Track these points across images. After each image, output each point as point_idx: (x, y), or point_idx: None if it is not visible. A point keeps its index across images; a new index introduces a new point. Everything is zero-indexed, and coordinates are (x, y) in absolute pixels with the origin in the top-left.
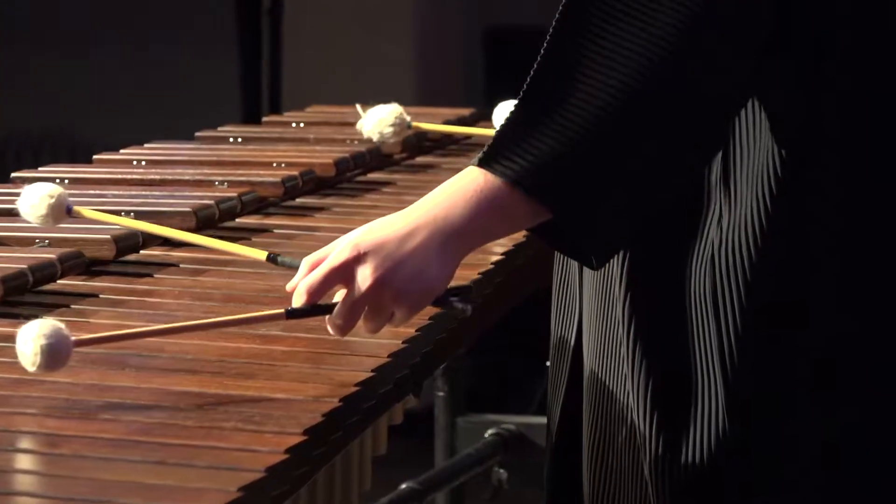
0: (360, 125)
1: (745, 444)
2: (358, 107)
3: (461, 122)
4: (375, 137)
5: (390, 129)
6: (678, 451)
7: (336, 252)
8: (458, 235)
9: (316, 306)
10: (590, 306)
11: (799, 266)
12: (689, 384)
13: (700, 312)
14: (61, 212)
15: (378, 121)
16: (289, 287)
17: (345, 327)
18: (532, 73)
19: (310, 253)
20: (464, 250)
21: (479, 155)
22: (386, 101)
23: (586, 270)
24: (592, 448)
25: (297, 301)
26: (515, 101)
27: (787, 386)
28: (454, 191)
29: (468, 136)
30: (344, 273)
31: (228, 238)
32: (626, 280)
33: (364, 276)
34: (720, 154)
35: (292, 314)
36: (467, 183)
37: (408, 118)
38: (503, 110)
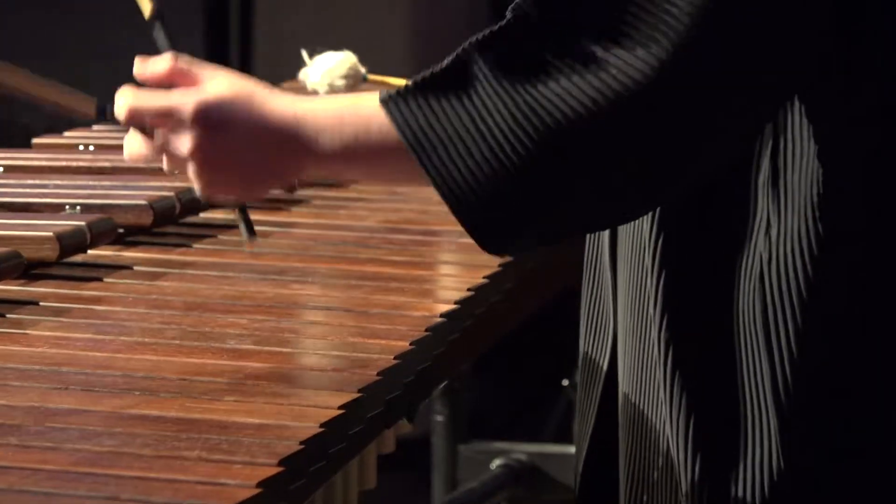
0: (303, 75)
1: (803, 487)
2: (303, 52)
3: None
4: (322, 90)
5: (342, 82)
6: (725, 496)
7: (183, 99)
8: (309, 169)
9: (132, 123)
10: (625, 326)
11: (862, 280)
12: (736, 420)
13: (748, 337)
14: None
15: (327, 70)
16: (137, 72)
17: (136, 159)
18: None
19: (288, 255)
20: (312, 163)
21: (392, 90)
22: (375, 72)
23: (621, 283)
24: (628, 485)
25: (119, 110)
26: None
27: (849, 420)
28: (339, 113)
29: None
30: (175, 121)
31: (193, 236)
32: (663, 300)
33: (187, 143)
34: (768, 150)
35: (102, 113)
36: (356, 112)
37: (363, 69)
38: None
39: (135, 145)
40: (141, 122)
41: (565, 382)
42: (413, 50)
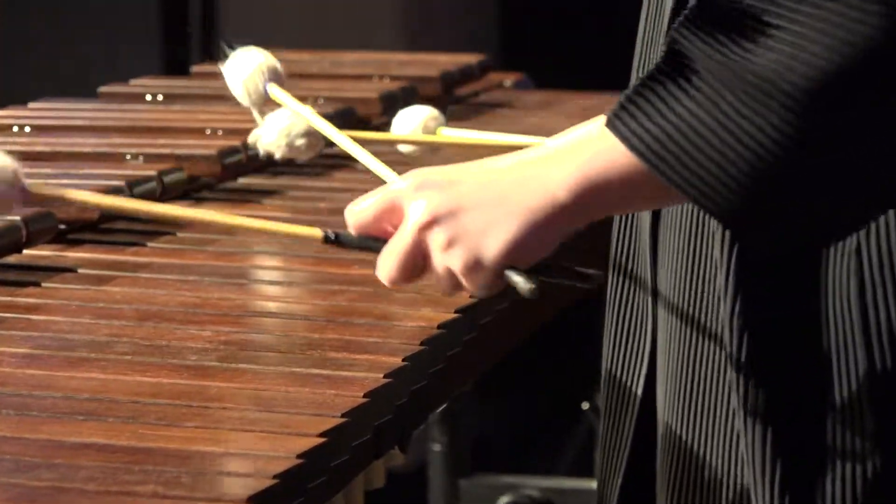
0: (254, 138)
1: None
2: (255, 114)
3: (464, 74)
4: (279, 153)
5: (303, 141)
6: None
7: (398, 180)
8: (558, 198)
9: (363, 239)
10: (670, 338)
11: None
12: (824, 420)
13: (841, 323)
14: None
15: (282, 130)
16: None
17: (388, 272)
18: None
19: (259, 255)
20: (562, 218)
21: (613, 106)
22: (351, 44)
23: (664, 276)
24: None
25: (350, 225)
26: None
27: None
28: (567, 141)
29: (476, 94)
30: (397, 204)
31: (147, 233)
32: (735, 281)
33: (417, 212)
34: None
35: (331, 240)
36: (584, 135)
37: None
38: (405, 118)
39: (383, 262)
40: (373, 228)
41: (585, 405)
42: (404, 12)
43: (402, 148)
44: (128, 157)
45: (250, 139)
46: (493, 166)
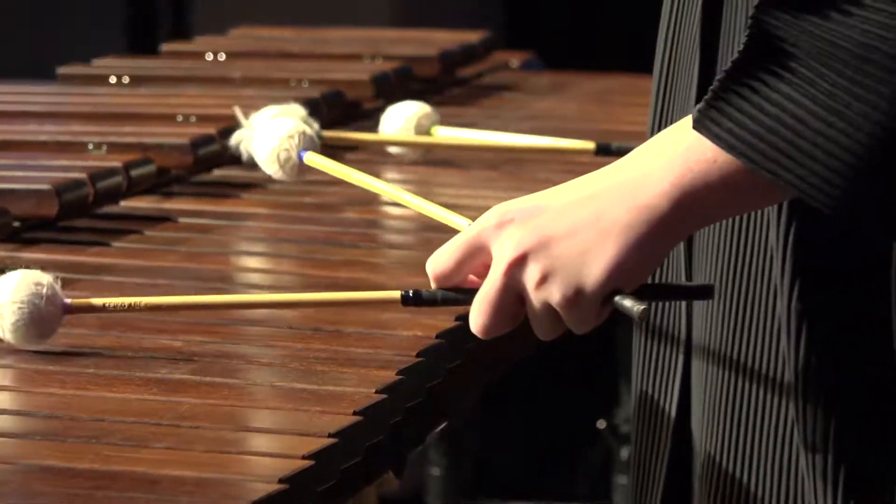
0: (237, 139)
1: None
2: (237, 113)
3: (465, 53)
4: (273, 172)
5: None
6: None
7: (477, 220)
8: (654, 208)
9: (446, 293)
10: (707, 348)
11: None
12: (893, 422)
13: None
14: None
15: (274, 149)
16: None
17: (481, 321)
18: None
19: (237, 256)
20: (662, 230)
21: (699, 105)
22: (338, 20)
23: (703, 264)
24: None
25: (433, 280)
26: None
27: None
28: (657, 147)
29: (478, 75)
30: (480, 245)
31: (111, 231)
32: (793, 259)
33: (504, 250)
34: None
35: (410, 300)
36: (674, 137)
37: (315, 129)
38: (394, 116)
39: (475, 311)
40: (449, 279)
41: (602, 424)
42: None
43: (393, 148)
44: (90, 146)
45: (233, 140)
46: (578, 185)
